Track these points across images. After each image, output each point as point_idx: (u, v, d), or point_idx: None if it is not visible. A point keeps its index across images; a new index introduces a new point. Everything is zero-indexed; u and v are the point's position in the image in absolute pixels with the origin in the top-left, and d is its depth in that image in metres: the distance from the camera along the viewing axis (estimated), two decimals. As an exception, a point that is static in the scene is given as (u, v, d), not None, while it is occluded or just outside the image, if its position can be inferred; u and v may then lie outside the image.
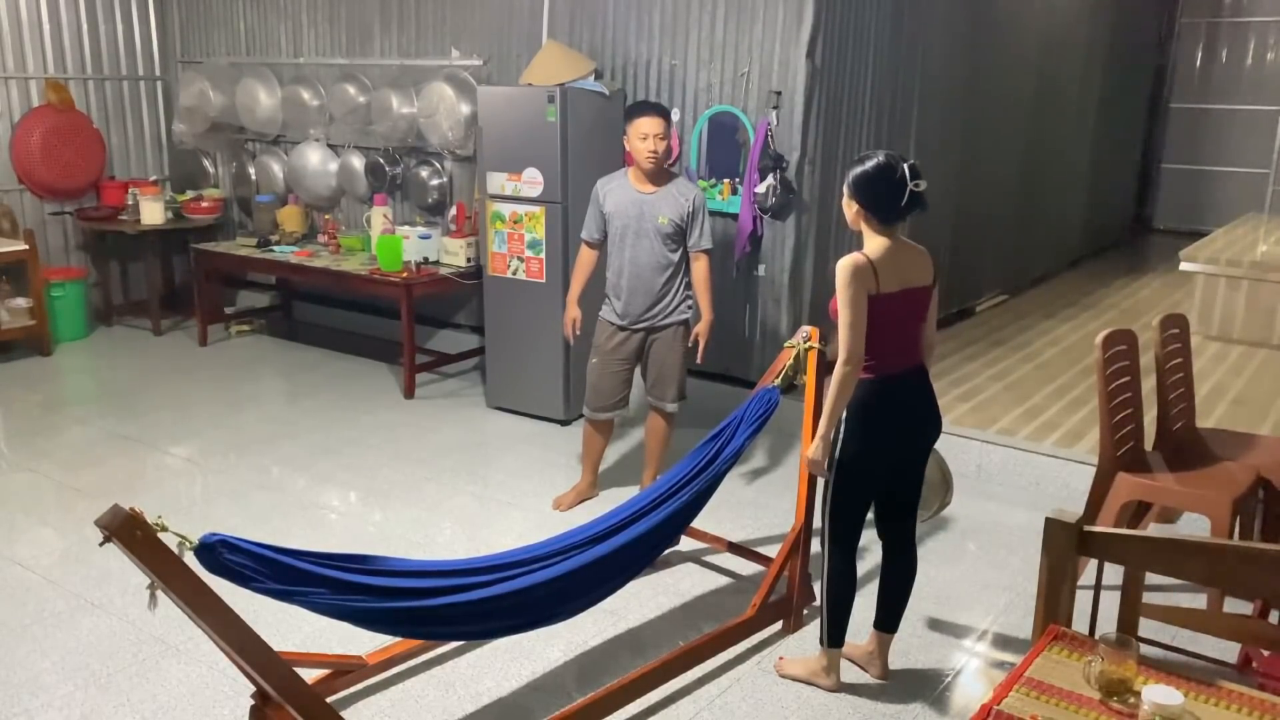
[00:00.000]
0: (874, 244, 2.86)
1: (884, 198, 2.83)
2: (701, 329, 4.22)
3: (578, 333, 4.42)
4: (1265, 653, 2.78)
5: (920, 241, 3.00)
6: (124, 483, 4.69)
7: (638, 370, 4.37)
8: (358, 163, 6.81)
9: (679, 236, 4.14)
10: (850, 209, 2.92)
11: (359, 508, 4.50)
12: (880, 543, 3.20)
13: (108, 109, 7.59)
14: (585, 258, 4.33)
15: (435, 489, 4.67)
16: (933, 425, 3.06)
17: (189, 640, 3.29)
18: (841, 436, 2.94)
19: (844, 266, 2.79)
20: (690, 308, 4.30)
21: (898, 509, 3.13)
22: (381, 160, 6.63)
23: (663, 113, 4.13)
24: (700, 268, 4.19)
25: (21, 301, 6.66)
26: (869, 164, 2.85)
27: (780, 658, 3.30)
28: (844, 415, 2.92)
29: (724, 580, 3.87)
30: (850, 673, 3.22)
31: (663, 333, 4.23)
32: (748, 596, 3.54)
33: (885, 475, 3.04)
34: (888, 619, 3.18)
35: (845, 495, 3.00)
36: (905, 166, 2.81)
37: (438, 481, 4.76)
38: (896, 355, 2.91)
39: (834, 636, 3.10)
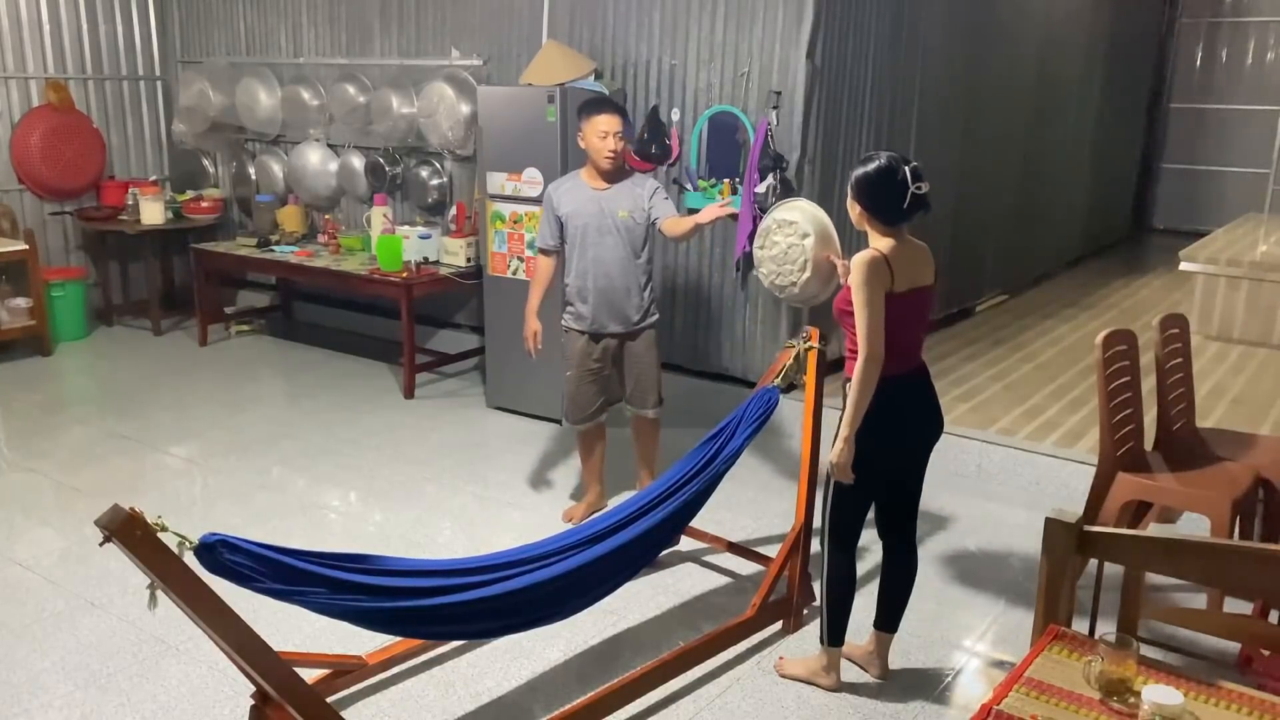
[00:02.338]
0: (882, 243, 2.85)
1: (886, 201, 2.82)
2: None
3: (539, 347, 4.27)
4: (1265, 653, 2.78)
5: (920, 241, 3.00)
6: (124, 483, 4.69)
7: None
8: (358, 163, 6.81)
9: (641, 232, 4.04)
10: (854, 210, 2.91)
11: (359, 508, 4.50)
12: (880, 543, 3.20)
13: (108, 109, 7.59)
14: (544, 267, 4.17)
15: (435, 489, 4.67)
16: (934, 426, 3.06)
17: (189, 640, 3.29)
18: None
19: (861, 263, 2.77)
20: (658, 312, 4.22)
21: (899, 510, 3.13)
22: (381, 160, 6.63)
23: (620, 110, 4.01)
24: (671, 222, 3.95)
25: (21, 301, 6.66)
26: (871, 166, 2.84)
27: (780, 658, 3.30)
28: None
29: (724, 580, 3.87)
30: (850, 672, 3.22)
31: (637, 339, 4.14)
32: (748, 596, 3.54)
33: (886, 476, 3.04)
34: (888, 619, 3.18)
35: (846, 496, 2.99)
36: (908, 169, 2.79)
37: (438, 481, 4.76)
38: (901, 356, 2.91)
39: (834, 636, 3.10)
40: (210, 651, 3.03)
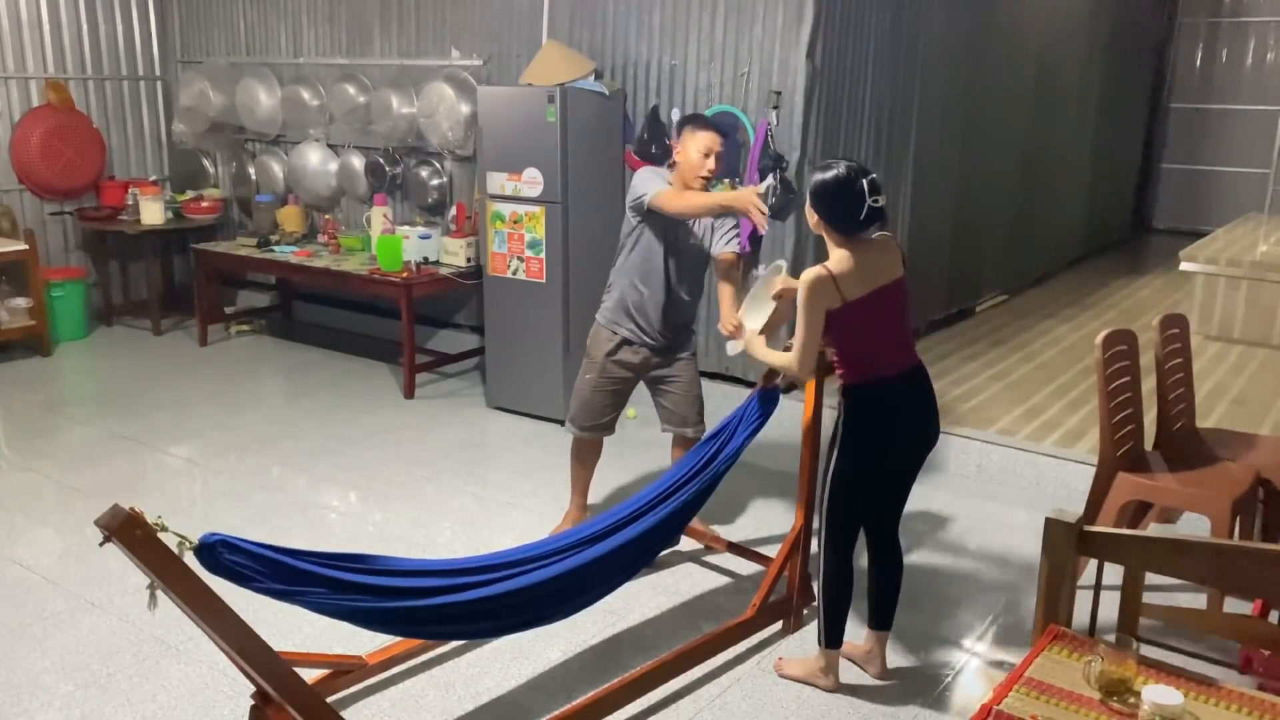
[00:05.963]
0: (836, 255, 2.86)
1: (842, 212, 2.83)
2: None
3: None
4: (1265, 653, 2.78)
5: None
6: (124, 483, 4.69)
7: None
8: (358, 163, 6.81)
9: (704, 255, 3.86)
10: (811, 218, 2.92)
11: (359, 508, 4.50)
12: (867, 542, 3.19)
13: (108, 109, 7.59)
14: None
15: (435, 489, 4.67)
16: (930, 431, 3.04)
17: (189, 640, 3.29)
18: (839, 447, 2.94)
19: (803, 283, 2.81)
20: (697, 329, 4.11)
21: (887, 512, 3.13)
22: (381, 160, 6.63)
23: (726, 135, 3.77)
24: (726, 256, 3.76)
25: (21, 301, 6.66)
26: (829, 174, 2.83)
27: (780, 658, 3.30)
28: (842, 427, 2.95)
29: (724, 580, 3.87)
30: (850, 673, 3.22)
31: (683, 354, 3.95)
32: (748, 596, 3.53)
33: (885, 481, 3.04)
34: (881, 617, 3.19)
35: (845, 504, 3.00)
36: (865, 181, 2.78)
37: (438, 481, 4.76)
38: (886, 355, 2.91)
39: (832, 637, 3.10)
40: (210, 651, 3.03)
